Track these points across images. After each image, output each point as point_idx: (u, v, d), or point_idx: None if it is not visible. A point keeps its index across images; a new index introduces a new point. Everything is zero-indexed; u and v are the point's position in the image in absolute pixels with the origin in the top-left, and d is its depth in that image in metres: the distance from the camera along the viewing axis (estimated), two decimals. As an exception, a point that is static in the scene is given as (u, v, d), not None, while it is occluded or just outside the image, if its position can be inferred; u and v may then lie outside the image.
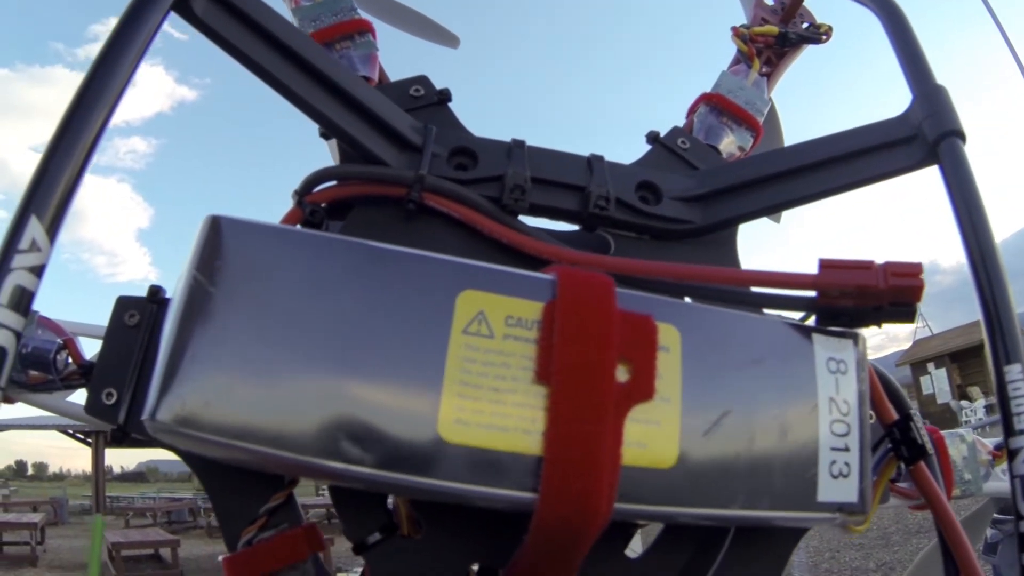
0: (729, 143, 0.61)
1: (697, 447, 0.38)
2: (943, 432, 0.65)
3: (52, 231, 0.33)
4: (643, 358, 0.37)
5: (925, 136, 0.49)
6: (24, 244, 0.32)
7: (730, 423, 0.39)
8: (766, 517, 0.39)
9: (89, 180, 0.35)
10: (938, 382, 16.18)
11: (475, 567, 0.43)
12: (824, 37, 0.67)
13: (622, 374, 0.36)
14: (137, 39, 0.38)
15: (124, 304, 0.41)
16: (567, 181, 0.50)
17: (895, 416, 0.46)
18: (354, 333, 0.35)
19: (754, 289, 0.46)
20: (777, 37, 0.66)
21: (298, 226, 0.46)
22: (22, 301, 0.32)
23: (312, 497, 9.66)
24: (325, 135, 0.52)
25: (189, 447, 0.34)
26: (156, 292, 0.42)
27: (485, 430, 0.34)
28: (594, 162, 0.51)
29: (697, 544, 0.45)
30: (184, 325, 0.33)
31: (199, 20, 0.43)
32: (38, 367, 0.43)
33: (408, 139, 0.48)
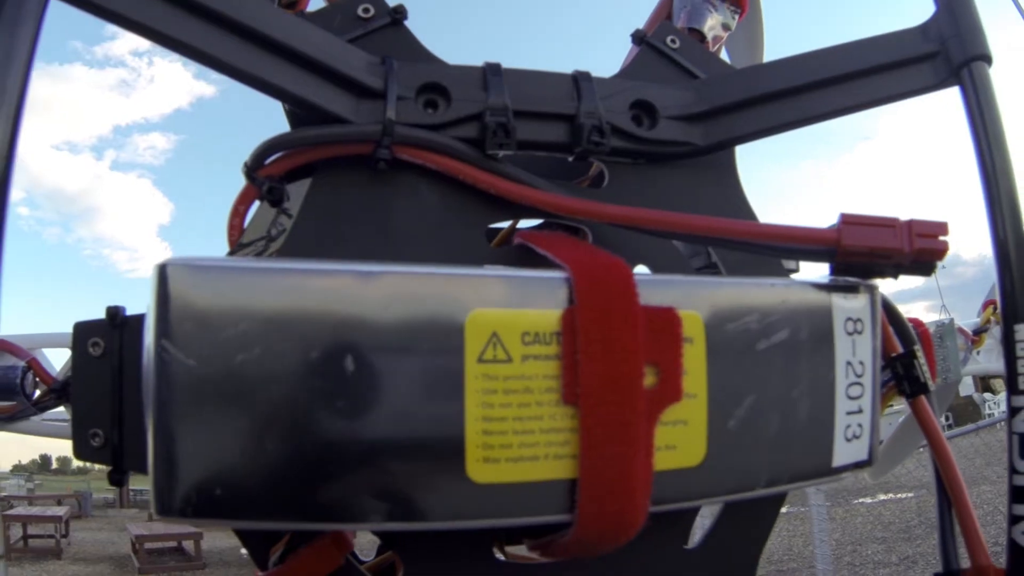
0: (714, 23, 0.57)
1: (723, 439, 0.37)
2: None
3: None
4: (669, 359, 0.35)
5: (949, 55, 0.46)
6: None
7: (753, 409, 0.38)
8: (785, 490, 0.39)
9: (109, 176, 0.34)
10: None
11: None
12: None
13: (649, 377, 0.35)
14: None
15: (84, 331, 0.38)
16: (554, 110, 0.45)
17: (900, 349, 0.45)
18: (359, 379, 0.31)
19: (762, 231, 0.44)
20: None
21: (261, 207, 0.44)
22: None
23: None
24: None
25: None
26: (116, 314, 0.38)
27: (515, 464, 0.32)
28: (581, 82, 0.46)
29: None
30: (165, 410, 0.29)
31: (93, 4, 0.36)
32: (7, 396, 0.39)
33: (365, 83, 0.41)
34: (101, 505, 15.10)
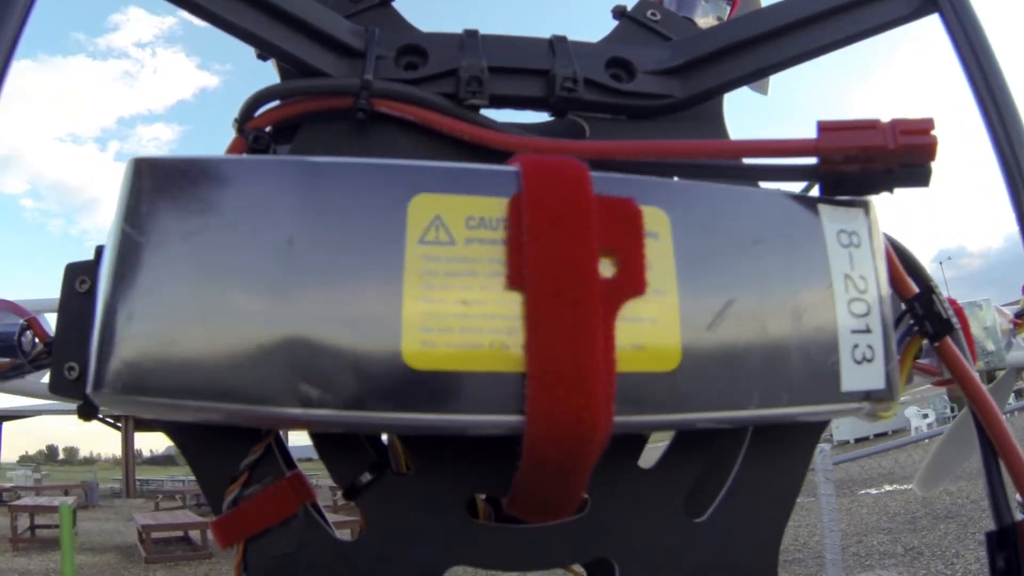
0: (704, 15, 0.57)
1: (701, 343, 0.34)
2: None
3: None
4: (629, 247, 0.33)
5: None
6: None
7: (736, 312, 0.35)
8: (787, 414, 0.35)
9: (111, 167, 0.34)
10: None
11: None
12: None
13: (607, 268, 0.32)
14: None
15: (74, 270, 0.38)
16: (528, 66, 0.46)
17: (915, 290, 0.42)
18: (297, 262, 0.31)
19: (749, 162, 0.42)
20: None
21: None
22: None
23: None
24: (262, 56, 0.48)
25: (141, 413, 0.32)
26: (103, 252, 0.38)
27: (456, 350, 0.31)
28: (556, 44, 0.47)
29: (713, 448, 0.42)
30: (116, 284, 0.31)
31: None
32: (4, 353, 0.41)
33: (348, 44, 0.44)
34: (108, 495, 15.19)
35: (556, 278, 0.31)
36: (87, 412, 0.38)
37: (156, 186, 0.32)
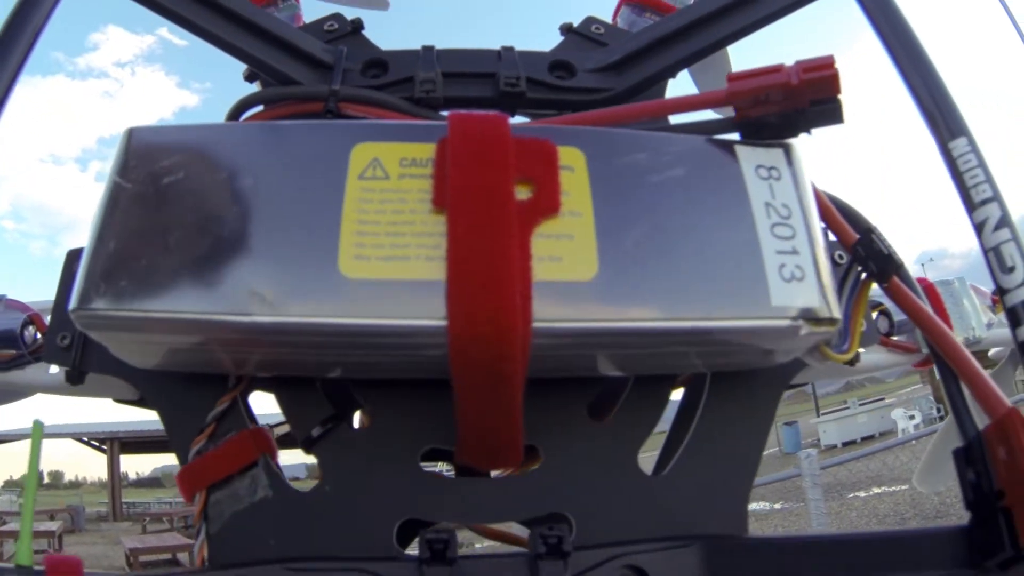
0: None
1: (619, 256, 0.35)
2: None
3: None
4: (544, 176, 0.36)
5: None
6: None
7: (654, 230, 0.36)
8: (716, 327, 0.36)
9: (93, 187, 0.36)
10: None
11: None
12: None
13: (523, 193, 0.36)
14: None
15: (73, 255, 0.44)
16: (477, 71, 0.51)
17: (856, 236, 0.43)
18: (255, 198, 0.36)
19: (673, 121, 0.45)
20: None
21: None
22: None
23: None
24: (249, 78, 0.56)
25: (117, 334, 0.35)
26: None
27: (385, 262, 0.34)
28: (504, 52, 0.53)
29: (665, 400, 0.44)
30: (105, 221, 0.35)
31: None
32: (7, 344, 0.45)
33: (322, 59, 0.51)
34: (94, 519, 14.99)
35: (474, 198, 0.34)
36: (75, 377, 0.43)
37: (143, 147, 0.38)
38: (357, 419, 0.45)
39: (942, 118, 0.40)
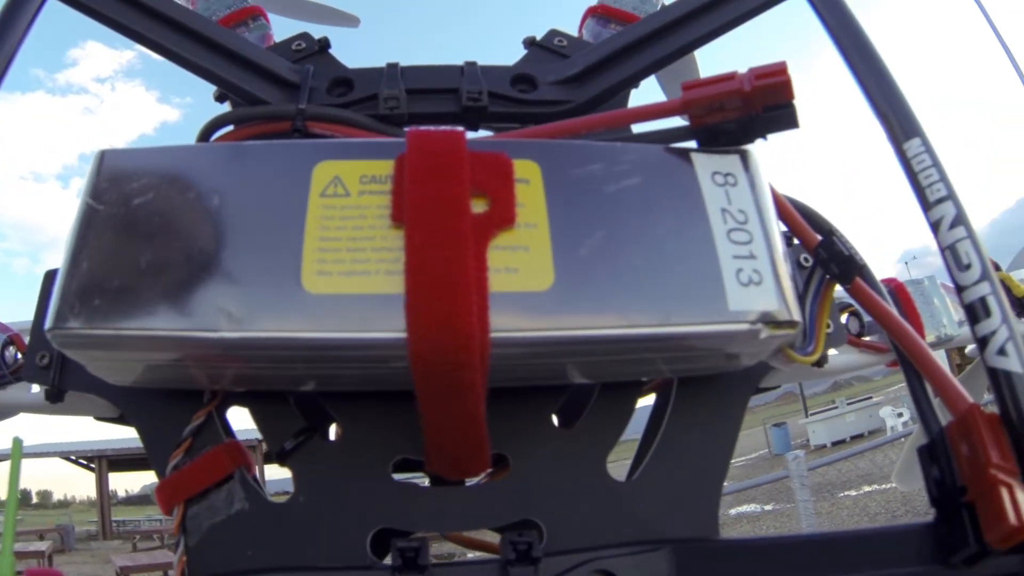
0: None
1: (574, 265, 0.36)
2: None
3: None
4: (499, 189, 0.37)
5: None
6: None
7: (609, 239, 0.37)
8: (674, 333, 0.36)
9: (75, 204, 0.37)
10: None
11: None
12: None
13: (479, 207, 0.36)
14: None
15: (50, 276, 0.44)
16: (440, 86, 0.52)
17: (818, 238, 0.43)
18: (222, 218, 0.37)
19: (633, 131, 0.46)
20: None
21: None
22: None
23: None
24: (219, 98, 0.56)
25: (91, 352, 0.35)
26: None
27: (347, 277, 0.35)
28: (467, 68, 0.53)
29: (632, 406, 0.45)
30: (78, 243, 0.36)
31: (84, 5, 0.47)
32: None
33: (288, 79, 0.52)
34: (84, 538, 14.81)
35: (430, 212, 0.35)
36: (55, 396, 0.44)
37: (114, 170, 0.38)
38: (333, 432, 0.46)
39: (896, 119, 0.41)
